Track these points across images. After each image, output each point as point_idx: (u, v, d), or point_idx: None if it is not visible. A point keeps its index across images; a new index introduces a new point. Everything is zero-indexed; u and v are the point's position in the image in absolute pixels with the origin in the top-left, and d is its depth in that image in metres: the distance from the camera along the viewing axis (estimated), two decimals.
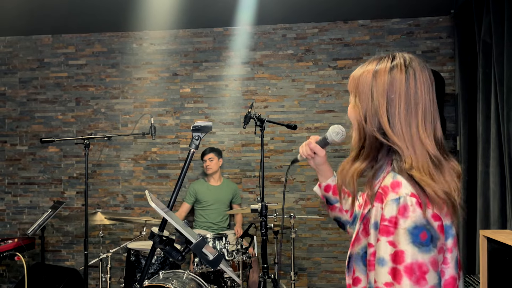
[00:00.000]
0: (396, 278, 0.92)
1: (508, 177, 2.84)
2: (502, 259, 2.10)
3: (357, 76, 1.09)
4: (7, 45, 4.54)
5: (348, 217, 1.34)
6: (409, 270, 0.92)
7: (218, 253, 1.22)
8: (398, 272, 0.92)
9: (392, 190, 0.97)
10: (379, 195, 0.99)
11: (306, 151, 1.33)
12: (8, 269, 4.36)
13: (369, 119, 1.03)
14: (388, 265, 0.94)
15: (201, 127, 1.30)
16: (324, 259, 4.17)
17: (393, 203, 0.95)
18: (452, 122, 3.97)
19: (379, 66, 1.05)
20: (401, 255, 0.93)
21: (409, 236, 0.93)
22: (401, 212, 0.94)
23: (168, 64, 4.39)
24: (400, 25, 4.13)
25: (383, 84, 1.03)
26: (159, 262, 3.23)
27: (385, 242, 0.95)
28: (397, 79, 1.02)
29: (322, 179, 1.37)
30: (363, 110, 1.05)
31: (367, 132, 1.04)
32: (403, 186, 0.96)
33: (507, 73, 2.86)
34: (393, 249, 0.93)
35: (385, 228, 0.95)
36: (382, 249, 0.95)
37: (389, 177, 1.01)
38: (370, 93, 1.04)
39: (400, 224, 0.93)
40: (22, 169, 4.49)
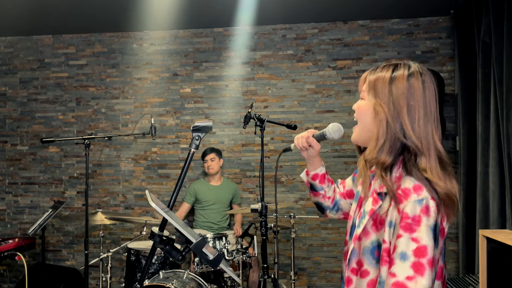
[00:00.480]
0: (419, 271, 1.00)
1: (508, 177, 2.85)
2: (501, 258, 2.10)
3: (373, 79, 1.17)
4: (7, 45, 4.55)
5: (329, 203, 1.49)
6: (431, 263, 1.01)
7: (218, 253, 1.22)
8: (421, 265, 1.00)
9: (414, 192, 1.05)
10: (399, 196, 1.07)
11: (302, 143, 1.39)
12: (9, 268, 4.37)
13: (392, 120, 1.12)
14: (411, 259, 1.01)
15: (201, 127, 1.30)
16: (324, 259, 4.18)
17: (416, 203, 1.03)
18: (452, 122, 3.97)
19: (397, 72, 1.14)
20: (424, 250, 1.01)
21: (431, 233, 1.02)
22: (424, 212, 1.03)
23: (169, 64, 4.40)
24: (399, 26, 4.14)
25: (403, 89, 1.12)
26: (159, 262, 3.23)
27: (408, 238, 1.02)
28: (415, 87, 1.12)
29: (311, 168, 1.46)
30: (387, 111, 1.12)
31: (391, 131, 1.11)
32: (425, 189, 1.05)
33: (506, 73, 2.87)
34: (416, 244, 1.01)
35: (408, 226, 1.03)
36: (405, 244, 1.02)
37: (409, 180, 1.08)
38: (390, 97, 1.12)
39: (423, 222, 1.02)
40: (22, 169, 4.50)
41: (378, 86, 1.14)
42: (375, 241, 1.12)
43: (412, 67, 1.14)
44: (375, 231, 1.12)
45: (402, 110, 1.11)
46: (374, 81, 1.16)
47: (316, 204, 1.52)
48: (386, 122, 1.11)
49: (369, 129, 1.16)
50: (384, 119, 1.11)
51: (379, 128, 1.12)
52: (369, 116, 1.15)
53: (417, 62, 1.17)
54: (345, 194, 1.49)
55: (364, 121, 1.18)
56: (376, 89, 1.14)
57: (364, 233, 1.14)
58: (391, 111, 1.11)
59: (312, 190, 1.49)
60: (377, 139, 1.12)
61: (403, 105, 1.11)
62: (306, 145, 1.39)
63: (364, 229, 1.15)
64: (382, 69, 1.17)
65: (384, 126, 1.11)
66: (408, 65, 1.15)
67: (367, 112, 1.16)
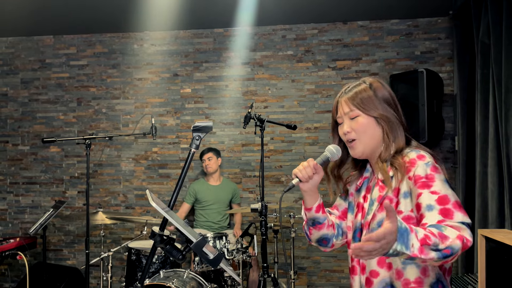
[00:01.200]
0: (448, 215, 1.12)
1: (506, 177, 2.86)
2: (500, 258, 2.11)
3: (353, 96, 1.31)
4: (9, 45, 4.57)
5: (333, 231, 1.43)
6: (456, 205, 1.14)
7: (219, 252, 1.24)
8: (448, 210, 1.13)
9: (419, 159, 1.21)
10: (406, 169, 1.22)
11: (308, 172, 1.32)
12: (10, 268, 4.38)
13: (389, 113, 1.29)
14: (437, 208, 1.13)
15: (202, 127, 1.31)
16: (324, 258, 4.19)
17: (425, 165, 1.19)
18: (451, 122, 3.98)
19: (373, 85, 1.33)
20: (445, 198, 1.14)
21: (446, 184, 1.18)
22: (434, 170, 1.19)
23: (169, 65, 4.41)
24: (399, 26, 4.15)
25: (387, 95, 1.32)
26: (160, 261, 3.23)
27: (428, 193, 1.16)
28: (389, 91, 1.34)
29: (312, 202, 1.39)
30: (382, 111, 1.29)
31: (395, 125, 1.29)
32: (427, 156, 1.23)
33: (505, 74, 2.87)
34: (436, 195, 1.15)
35: (424, 184, 1.17)
36: (427, 198, 1.15)
37: (412, 153, 1.24)
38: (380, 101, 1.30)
39: (436, 177, 1.18)
40: (24, 169, 4.52)
41: (365, 98, 1.30)
42: (380, 220, 1.23)
43: (373, 79, 1.36)
44: (380, 211, 1.24)
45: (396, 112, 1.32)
46: (357, 96, 1.31)
47: (320, 240, 1.44)
48: (389, 120, 1.28)
49: (375, 135, 1.30)
50: (386, 119, 1.28)
51: (386, 128, 1.28)
52: (372, 126, 1.29)
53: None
54: (342, 215, 1.47)
55: (368, 134, 1.29)
56: (365, 102, 1.29)
57: (373, 218, 1.27)
58: (385, 109, 1.29)
59: (316, 225, 1.41)
60: (388, 137, 1.28)
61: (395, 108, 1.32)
62: (311, 175, 1.33)
63: (373, 215, 1.27)
64: (354, 87, 1.34)
65: (389, 124, 1.28)
66: (370, 79, 1.36)
67: (369, 123, 1.29)
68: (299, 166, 1.34)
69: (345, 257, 4.06)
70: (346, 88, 1.36)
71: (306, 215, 1.42)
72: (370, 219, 1.27)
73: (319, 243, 1.45)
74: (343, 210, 1.47)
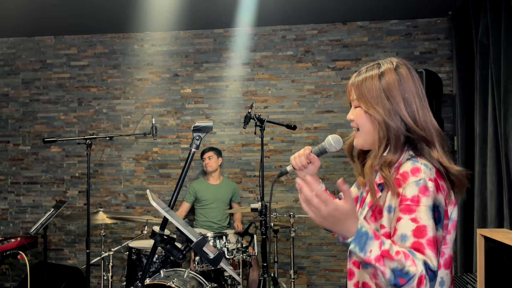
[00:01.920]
0: (419, 250, 0.98)
1: (505, 176, 2.86)
2: (499, 257, 2.13)
3: (359, 84, 1.16)
4: (10, 46, 4.58)
5: None
6: (431, 243, 0.99)
7: (219, 252, 1.24)
8: (421, 245, 0.99)
9: (412, 175, 1.06)
10: (397, 181, 1.07)
11: (301, 161, 1.30)
12: (11, 267, 4.39)
13: (391, 118, 1.12)
14: (410, 240, 1.00)
15: (202, 127, 1.31)
16: (323, 258, 4.20)
17: (414, 184, 1.04)
18: (450, 122, 3.99)
19: (383, 68, 1.15)
20: (423, 230, 1.00)
21: (430, 212, 1.01)
22: (423, 191, 1.03)
23: (169, 65, 4.43)
24: (398, 27, 4.16)
25: (394, 82, 1.13)
26: (160, 261, 3.24)
27: (408, 219, 1.02)
28: (404, 77, 1.13)
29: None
30: (383, 112, 1.12)
31: (392, 130, 1.12)
32: (422, 171, 1.06)
33: (504, 74, 2.87)
34: (415, 225, 1.01)
35: (407, 207, 1.03)
36: (404, 226, 1.02)
37: (408, 164, 1.09)
38: (383, 95, 1.12)
39: (422, 201, 1.02)
40: (25, 169, 4.53)
41: (367, 88, 1.14)
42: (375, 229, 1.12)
43: (394, 60, 1.17)
44: (373, 221, 1.13)
45: (399, 105, 1.12)
46: (362, 84, 1.16)
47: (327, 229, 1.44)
48: (384, 123, 1.12)
49: (372, 133, 1.17)
50: (382, 121, 1.12)
51: (379, 131, 1.13)
52: (367, 122, 1.16)
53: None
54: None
55: (365, 128, 1.18)
56: (366, 92, 1.14)
57: None
58: (387, 111, 1.12)
59: None
60: (379, 143, 1.14)
61: (399, 100, 1.12)
62: (306, 163, 1.30)
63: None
64: (366, 70, 1.18)
65: (384, 128, 1.12)
66: (390, 60, 1.17)
67: (366, 119, 1.16)
68: (295, 153, 1.32)
69: (344, 256, 4.08)
70: (361, 70, 1.21)
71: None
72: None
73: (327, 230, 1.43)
74: (354, 198, 1.40)
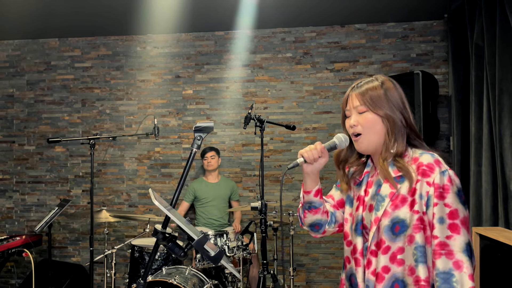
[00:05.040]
0: (455, 230, 1.19)
1: (500, 176, 2.87)
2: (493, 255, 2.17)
3: (363, 92, 1.34)
4: (15, 48, 4.63)
5: (327, 218, 1.47)
6: (463, 222, 1.21)
7: (219, 250, 1.25)
8: (456, 225, 1.20)
9: (437, 166, 1.25)
10: (423, 171, 1.25)
11: (314, 154, 1.35)
12: (16, 265, 4.43)
13: (397, 116, 1.31)
14: (447, 222, 1.20)
15: (203, 128, 1.32)
16: (322, 255, 4.24)
17: (442, 174, 1.23)
18: (446, 123, 4.02)
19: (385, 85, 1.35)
20: (456, 212, 1.21)
21: (458, 197, 1.22)
22: (449, 180, 1.23)
23: (171, 67, 4.47)
24: (395, 29, 4.20)
25: (395, 95, 1.34)
26: (162, 258, 3.26)
27: (442, 204, 1.21)
28: (400, 93, 1.36)
29: (312, 185, 1.42)
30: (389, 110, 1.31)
31: (398, 128, 1.31)
32: (442, 162, 1.27)
33: (498, 75, 2.89)
34: (448, 209, 1.21)
35: (440, 194, 1.22)
36: (440, 210, 1.21)
37: (427, 157, 1.27)
38: (389, 101, 1.32)
39: (451, 189, 1.22)
40: (29, 168, 4.58)
41: (373, 94, 1.32)
42: (395, 218, 1.26)
43: (386, 78, 1.37)
44: (394, 209, 1.27)
45: (402, 110, 1.33)
46: (367, 92, 1.33)
47: (312, 225, 1.47)
48: (393, 121, 1.30)
49: (379, 133, 1.32)
50: (392, 120, 1.30)
51: (388, 127, 1.30)
52: (376, 123, 1.31)
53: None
54: (337, 205, 1.51)
55: (373, 130, 1.31)
56: (374, 99, 1.31)
57: (385, 214, 1.28)
58: (391, 109, 1.31)
59: (311, 209, 1.44)
60: (389, 137, 1.30)
61: (403, 109, 1.33)
62: (317, 157, 1.36)
63: (384, 211, 1.28)
64: (366, 83, 1.35)
65: (393, 126, 1.30)
66: (382, 78, 1.37)
67: (373, 120, 1.31)
68: (306, 148, 1.37)
69: (342, 254, 4.13)
70: (358, 83, 1.36)
71: (303, 198, 1.44)
72: (381, 215, 1.28)
73: (311, 227, 1.48)
74: (339, 201, 1.50)
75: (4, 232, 4.53)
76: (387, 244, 1.26)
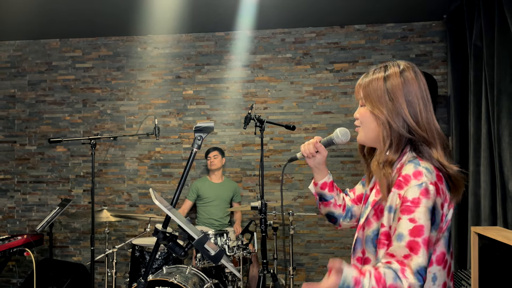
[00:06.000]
0: (414, 249, 1.04)
1: (498, 175, 2.87)
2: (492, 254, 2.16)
3: (366, 84, 1.22)
4: (16, 48, 4.65)
5: (341, 211, 1.44)
6: (426, 243, 1.05)
7: (220, 249, 1.25)
8: (417, 244, 1.04)
9: (414, 178, 1.10)
10: (399, 183, 1.11)
11: (309, 149, 1.36)
12: (18, 264, 4.44)
13: (394, 119, 1.16)
14: (406, 239, 1.05)
15: (203, 128, 1.33)
16: (322, 255, 4.25)
17: (416, 187, 1.08)
18: (445, 123, 4.03)
19: (389, 71, 1.19)
20: (420, 230, 1.05)
21: (428, 214, 1.06)
22: (424, 194, 1.07)
23: (172, 67, 4.49)
24: (394, 30, 4.21)
25: (398, 85, 1.16)
26: (162, 258, 3.27)
27: (406, 219, 1.06)
28: (409, 81, 1.17)
29: (318, 177, 1.42)
30: (386, 113, 1.17)
31: (394, 130, 1.17)
32: (424, 175, 1.10)
33: (497, 76, 2.89)
34: (412, 224, 1.05)
35: (407, 208, 1.07)
36: (402, 226, 1.06)
37: (410, 167, 1.12)
38: (386, 97, 1.17)
39: (422, 203, 1.06)
40: (31, 168, 4.59)
41: (373, 90, 1.19)
42: (376, 229, 1.17)
43: (402, 63, 1.22)
44: (376, 220, 1.18)
45: (402, 108, 1.16)
46: (369, 85, 1.21)
47: (328, 215, 1.45)
48: (388, 123, 1.17)
49: (374, 131, 1.22)
50: (386, 121, 1.17)
51: (383, 130, 1.18)
52: (371, 121, 1.21)
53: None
54: (356, 199, 1.46)
55: (368, 126, 1.23)
56: (372, 93, 1.19)
57: (367, 223, 1.21)
58: (390, 112, 1.16)
59: (322, 201, 1.43)
60: (383, 141, 1.18)
61: (402, 102, 1.15)
62: (313, 151, 1.36)
63: (367, 219, 1.21)
64: (374, 72, 1.23)
65: (387, 128, 1.17)
66: (397, 63, 1.22)
67: (370, 117, 1.21)
68: (306, 142, 1.38)
69: (342, 253, 4.15)
70: (369, 72, 1.25)
71: (314, 189, 1.45)
72: (364, 223, 1.22)
73: (328, 218, 1.46)
74: (359, 195, 1.45)
75: (6, 232, 4.55)
76: (367, 256, 1.20)
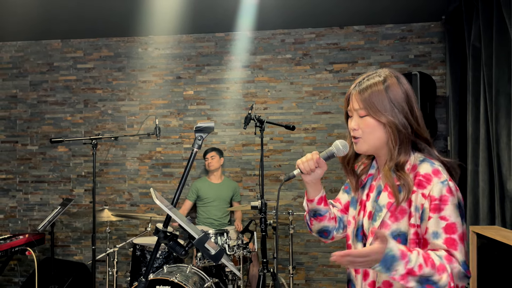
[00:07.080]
0: (452, 246, 1.08)
1: (497, 175, 2.88)
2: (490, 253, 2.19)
3: (366, 96, 1.22)
4: (18, 49, 4.67)
5: (334, 223, 1.42)
6: (461, 238, 1.10)
7: (220, 248, 1.25)
8: (453, 240, 1.09)
9: (435, 176, 1.15)
10: (420, 182, 1.15)
11: (310, 165, 1.30)
12: (20, 263, 4.46)
13: (401, 125, 1.20)
14: (442, 236, 1.09)
15: (204, 128, 1.33)
16: (321, 254, 4.27)
17: (440, 184, 1.12)
18: (443, 123, 4.05)
19: (387, 82, 1.22)
20: (453, 227, 1.10)
21: (457, 210, 1.11)
22: (449, 191, 1.12)
23: (172, 68, 4.50)
24: (393, 31, 4.23)
25: (400, 95, 1.22)
26: (163, 257, 3.30)
27: (437, 218, 1.10)
28: (405, 89, 1.23)
29: (314, 193, 1.37)
30: (393, 119, 1.20)
31: (402, 135, 1.20)
32: (442, 172, 1.16)
33: (495, 76, 2.90)
34: (445, 222, 1.10)
35: (436, 207, 1.11)
36: (435, 224, 1.10)
37: (426, 166, 1.17)
38: (391, 105, 1.20)
39: (450, 201, 1.11)
40: (32, 168, 4.61)
41: (376, 99, 1.20)
42: (396, 230, 1.17)
43: (387, 71, 1.26)
44: (394, 221, 1.18)
45: (408, 114, 1.21)
46: (370, 95, 1.21)
47: (321, 232, 1.42)
48: (396, 129, 1.19)
49: (379, 139, 1.22)
50: (394, 127, 1.19)
51: (391, 136, 1.20)
52: (377, 130, 1.21)
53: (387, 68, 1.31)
54: (344, 209, 1.45)
55: (373, 135, 1.22)
56: (376, 103, 1.20)
57: (383, 226, 1.19)
58: (397, 117, 1.19)
59: (317, 216, 1.39)
60: (393, 147, 1.20)
61: (406, 109, 1.21)
62: (314, 168, 1.31)
63: (382, 222, 1.19)
64: (368, 80, 1.24)
65: (396, 133, 1.19)
66: (383, 71, 1.26)
67: (376, 126, 1.21)
68: (303, 158, 1.32)
69: None
70: (360, 80, 1.26)
71: (308, 206, 1.39)
72: (379, 226, 1.20)
73: (319, 234, 1.43)
74: (346, 204, 1.44)
75: (8, 231, 4.57)
76: None
